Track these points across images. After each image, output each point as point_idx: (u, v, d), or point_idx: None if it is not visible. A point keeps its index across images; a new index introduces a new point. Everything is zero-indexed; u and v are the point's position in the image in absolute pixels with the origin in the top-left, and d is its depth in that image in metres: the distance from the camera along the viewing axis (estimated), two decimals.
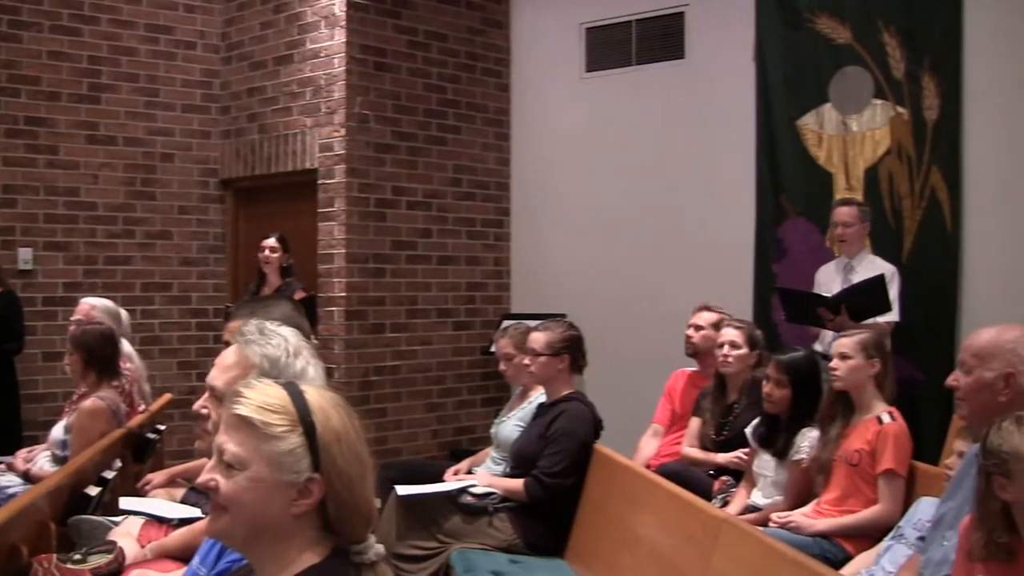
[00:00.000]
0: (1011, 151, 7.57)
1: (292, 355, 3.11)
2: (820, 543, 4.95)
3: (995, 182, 7.61)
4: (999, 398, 3.77)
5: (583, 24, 9.80)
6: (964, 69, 7.76)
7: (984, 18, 7.68)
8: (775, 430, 5.55)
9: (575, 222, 9.78)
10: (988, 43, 7.67)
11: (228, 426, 2.25)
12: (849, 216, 7.44)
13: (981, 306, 7.42)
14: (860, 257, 7.45)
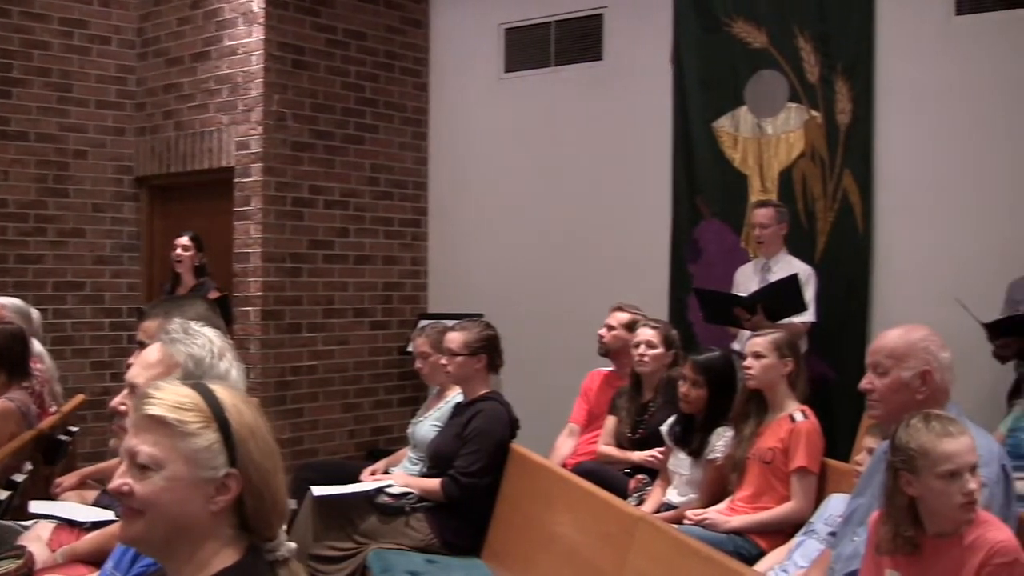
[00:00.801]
0: (920, 154, 7.69)
1: (217, 356, 3.10)
2: (734, 540, 5.01)
3: (905, 184, 7.72)
4: (916, 396, 3.84)
5: (502, 24, 9.81)
6: (876, 74, 7.87)
7: (895, 24, 7.80)
8: (690, 429, 5.60)
9: (492, 222, 9.79)
10: (899, 48, 7.79)
11: (140, 428, 2.23)
12: (766, 217, 7.53)
13: (892, 306, 7.53)
14: (777, 258, 7.53)
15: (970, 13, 7.61)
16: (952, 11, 7.65)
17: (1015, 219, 6.93)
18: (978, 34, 7.56)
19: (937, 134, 7.65)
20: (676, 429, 5.67)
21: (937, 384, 3.86)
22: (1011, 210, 7.11)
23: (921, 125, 7.70)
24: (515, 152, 9.67)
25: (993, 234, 7.27)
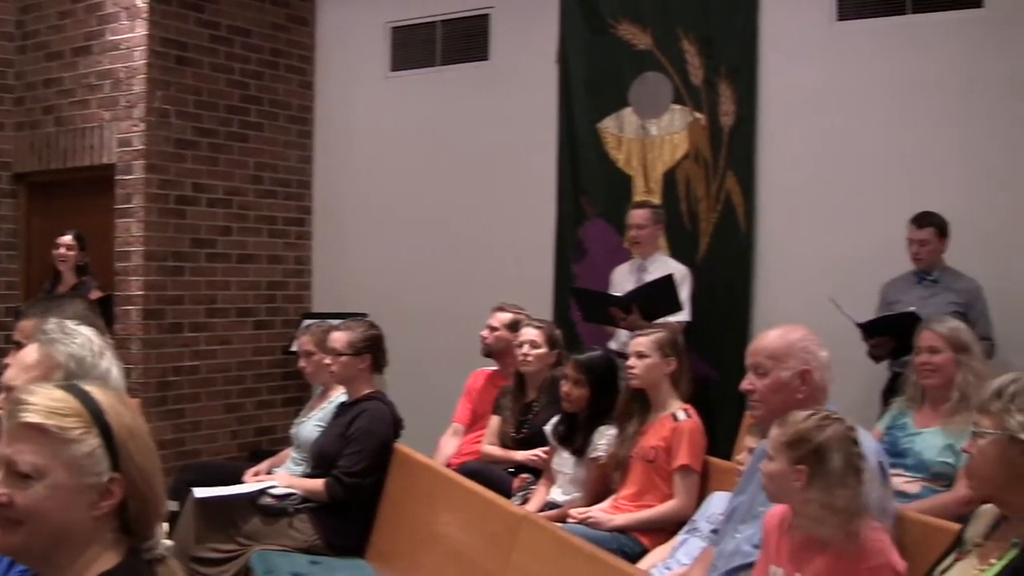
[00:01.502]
0: (802, 156, 7.81)
1: (97, 355, 3.05)
2: (618, 538, 5.02)
3: (787, 186, 7.84)
4: (796, 395, 3.89)
5: (388, 23, 9.78)
6: (759, 77, 7.98)
7: (779, 28, 7.92)
8: (573, 428, 5.61)
9: (378, 221, 9.76)
10: (782, 52, 7.90)
11: (15, 437, 2.18)
12: (642, 218, 7.59)
13: (773, 307, 7.63)
14: (653, 258, 7.60)
15: (852, 19, 7.76)
16: (834, 16, 7.80)
17: (891, 221, 7.04)
18: (859, 39, 7.71)
19: (818, 137, 7.78)
20: (559, 428, 5.68)
21: (817, 383, 3.91)
22: (887, 212, 7.23)
23: (803, 128, 7.83)
24: (401, 151, 9.64)
25: (871, 235, 7.40)
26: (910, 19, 7.63)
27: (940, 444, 4.92)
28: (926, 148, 7.44)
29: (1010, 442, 2.78)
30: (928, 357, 5.13)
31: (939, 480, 4.87)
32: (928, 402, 5.15)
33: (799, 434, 3.33)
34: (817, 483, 3.26)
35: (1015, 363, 6.53)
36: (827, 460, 3.26)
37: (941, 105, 7.45)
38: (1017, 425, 2.78)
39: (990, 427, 2.84)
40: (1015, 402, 2.81)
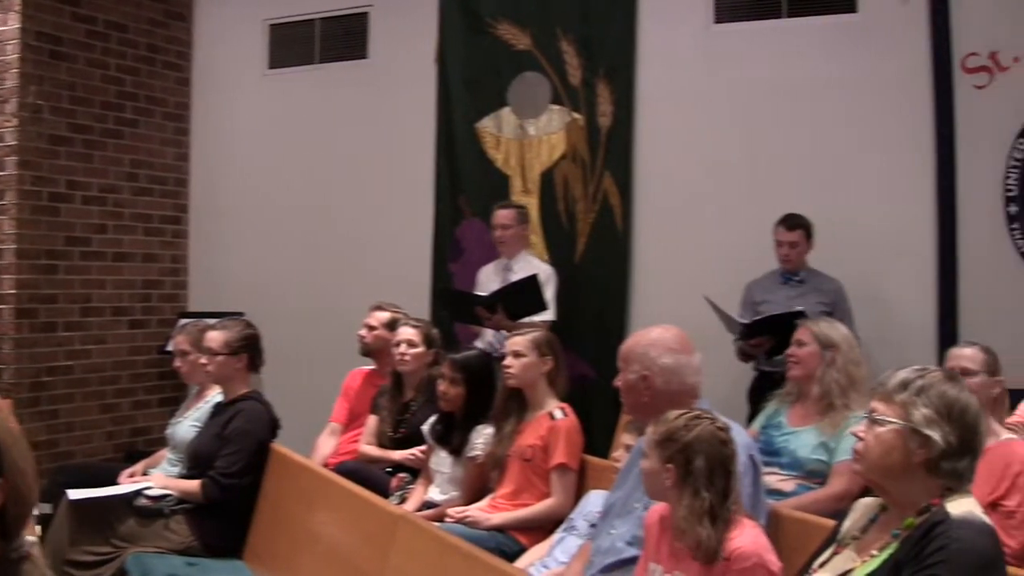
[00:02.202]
0: (678, 157, 7.91)
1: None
2: (495, 536, 5.04)
3: (663, 186, 7.94)
4: (643, 398, 3.97)
5: (267, 20, 9.71)
6: (636, 78, 8.07)
7: (656, 30, 8.02)
8: (451, 427, 5.62)
9: (255, 220, 9.69)
10: (659, 54, 8.00)
11: None
12: (506, 219, 7.62)
13: (650, 306, 7.72)
14: (519, 258, 7.63)
15: (728, 22, 7.89)
16: (711, 19, 7.92)
17: (762, 220, 7.17)
18: (735, 42, 7.84)
19: (694, 137, 7.89)
20: (437, 428, 5.69)
21: (659, 388, 3.98)
22: (758, 213, 7.35)
23: (679, 129, 7.94)
24: (279, 149, 9.59)
25: (743, 236, 7.52)
26: (785, 23, 7.77)
27: (814, 442, 4.99)
28: (800, 150, 7.60)
29: (911, 434, 2.83)
30: (795, 349, 5.23)
31: (813, 478, 4.94)
32: (801, 401, 5.23)
33: (668, 433, 3.37)
34: (685, 483, 3.31)
35: (879, 360, 6.68)
36: (693, 460, 3.31)
37: (814, 107, 7.60)
38: (922, 418, 2.83)
39: (893, 416, 2.89)
40: (922, 396, 2.86)
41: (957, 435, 2.83)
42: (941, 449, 2.81)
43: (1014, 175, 7.20)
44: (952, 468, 2.82)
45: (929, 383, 2.89)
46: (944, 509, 2.78)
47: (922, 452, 2.82)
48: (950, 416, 2.84)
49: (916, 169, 7.35)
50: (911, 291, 7.34)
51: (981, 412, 2.93)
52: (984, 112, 7.26)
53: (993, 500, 4.21)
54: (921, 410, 2.84)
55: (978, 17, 7.28)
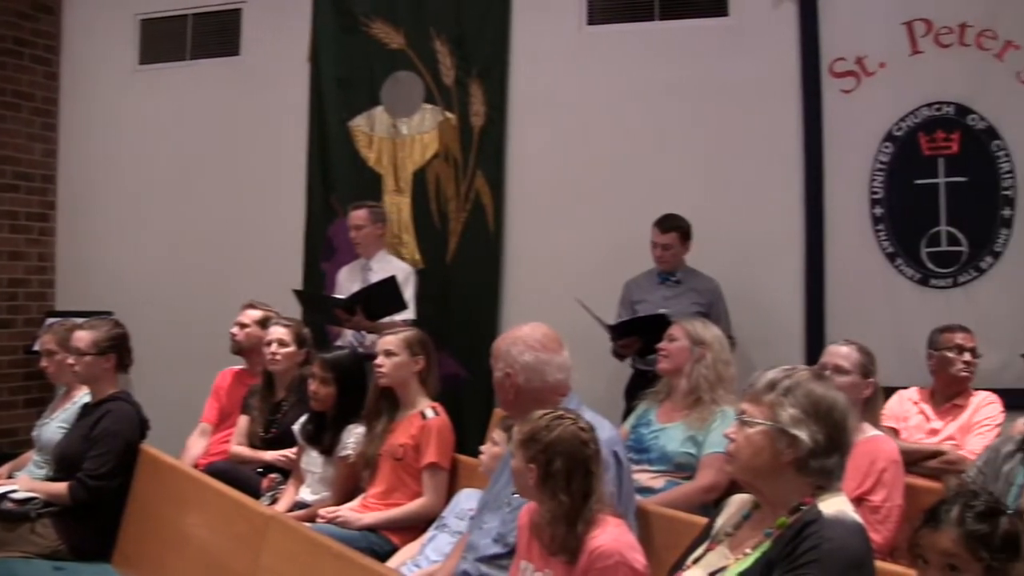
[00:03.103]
0: (551, 157, 7.97)
1: None
2: (367, 536, 5.03)
3: (535, 186, 7.99)
4: (509, 396, 3.99)
5: (138, 15, 9.57)
6: (510, 78, 8.11)
7: (530, 31, 8.08)
8: (322, 427, 5.60)
9: (125, 218, 9.54)
10: (533, 54, 8.06)
11: None
12: (360, 219, 7.57)
13: (522, 305, 7.77)
14: (377, 258, 7.59)
15: (601, 24, 7.96)
16: (584, 21, 7.99)
17: (636, 222, 7.24)
18: (608, 44, 7.92)
19: (566, 138, 7.96)
20: (308, 427, 5.66)
21: (521, 385, 4.01)
22: (631, 213, 7.43)
23: (552, 129, 8.00)
24: (150, 146, 9.45)
25: (616, 236, 7.59)
26: (657, 25, 7.88)
27: (682, 436, 5.03)
28: (672, 151, 7.70)
29: (779, 434, 2.86)
30: (666, 344, 5.29)
31: (682, 471, 4.98)
32: (670, 397, 5.29)
33: (531, 433, 3.39)
34: (546, 483, 3.32)
35: (754, 359, 6.81)
36: (554, 461, 3.33)
37: (686, 109, 7.72)
38: (789, 419, 2.86)
39: (761, 417, 2.93)
40: (788, 397, 2.90)
41: (824, 433, 2.87)
42: (809, 448, 2.84)
43: (880, 178, 7.39)
44: (821, 466, 2.86)
45: (796, 383, 2.93)
46: (816, 508, 2.82)
47: (790, 452, 2.86)
48: (817, 415, 2.88)
49: (785, 171, 7.50)
50: (781, 292, 7.48)
51: (849, 409, 2.97)
52: (851, 116, 7.44)
53: (859, 495, 4.30)
54: (788, 410, 2.88)
55: (846, 22, 7.45)
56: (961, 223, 7.28)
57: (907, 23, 7.40)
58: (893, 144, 7.39)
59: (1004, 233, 7.20)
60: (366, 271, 7.53)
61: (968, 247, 7.26)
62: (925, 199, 7.32)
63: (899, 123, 7.39)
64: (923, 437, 5.52)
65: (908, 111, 7.39)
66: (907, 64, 7.40)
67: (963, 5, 7.31)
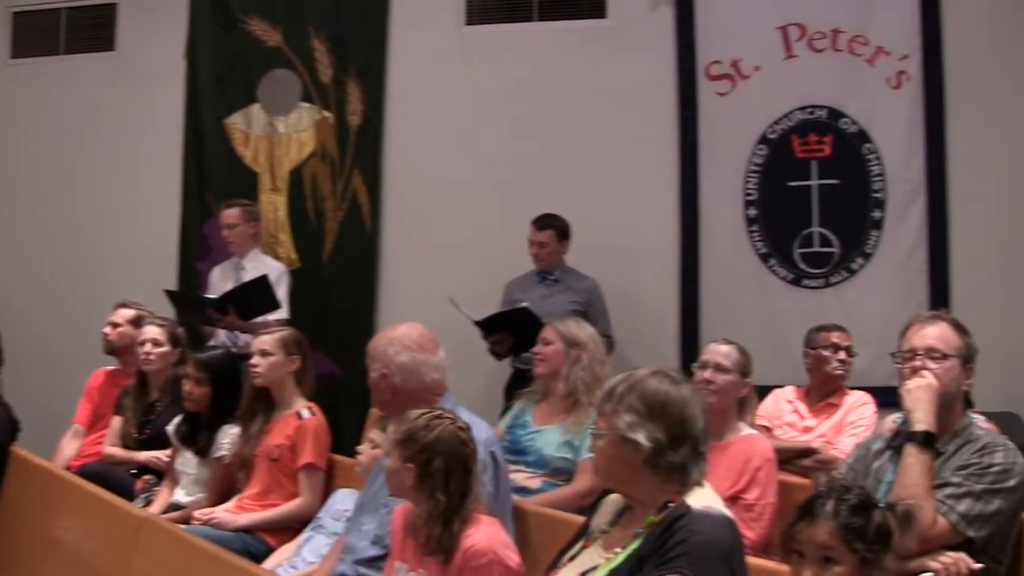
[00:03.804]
0: (429, 156, 7.97)
1: None
2: (243, 538, 4.98)
3: (412, 186, 8.00)
4: (385, 396, 3.99)
5: (9, 7, 9.37)
6: (388, 77, 8.11)
7: (408, 30, 8.11)
8: (196, 428, 5.54)
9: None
10: (411, 54, 8.07)
11: None
12: (233, 217, 7.53)
13: (398, 305, 7.77)
14: (250, 257, 7.56)
15: (479, 24, 7.98)
16: (463, 21, 8.01)
17: (514, 221, 7.27)
18: (486, 44, 7.95)
19: (444, 138, 7.98)
20: (182, 428, 5.60)
21: (398, 385, 4.00)
22: (510, 213, 7.46)
23: (430, 129, 8.02)
24: (21, 142, 9.26)
25: (494, 236, 7.62)
26: (536, 26, 7.93)
27: (558, 440, 5.05)
28: (549, 151, 7.75)
29: (622, 441, 2.90)
30: (541, 347, 5.30)
31: (559, 475, 5.01)
32: (547, 399, 5.31)
33: (409, 433, 3.38)
34: (424, 483, 3.32)
35: (634, 359, 6.87)
36: (433, 461, 3.33)
37: (564, 110, 7.78)
38: (625, 425, 2.88)
39: (604, 428, 2.95)
40: (623, 402, 2.93)
41: (663, 430, 2.90)
42: (651, 448, 2.88)
43: (754, 180, 7.52)
44: (671, 462, 2.89)
45: (630, 386, 2.97)
46: (685, 504, 2.85)
47: (638, 455, 2.89)
48: (651, 414, 2.92)
49: (661, 172, 7.61)
50: (657, 291, 7.58)
51: (690, 399, 2.99)
52: (726, 118, 7.56)
53: (734, 493, 4.35)
54: (624, 417, 2.92)
55: (722, 26, 7.58)
56: (833, 225, 7.45)
57: (782, 28, 7.54)
58: (767, 146, 7.53)
59: (875, 235, 7.38)
60: (239, 270, 7.48)
61: (840, 248, 7.43)
62: (798, 201, 7.47)
63: (773, 126, 7.53)
64: (796, 435, 5.60)
65: (782, 114, 7.54)
66: (781, 68, 7.55)
67: (836, 11, 7.48)
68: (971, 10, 7.35)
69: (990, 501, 3.48)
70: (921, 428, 3.57)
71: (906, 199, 7.39)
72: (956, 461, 3.60)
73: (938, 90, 7.35)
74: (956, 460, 3.60)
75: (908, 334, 3.82)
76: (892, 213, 7.40)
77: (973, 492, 3.48)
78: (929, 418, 3.57)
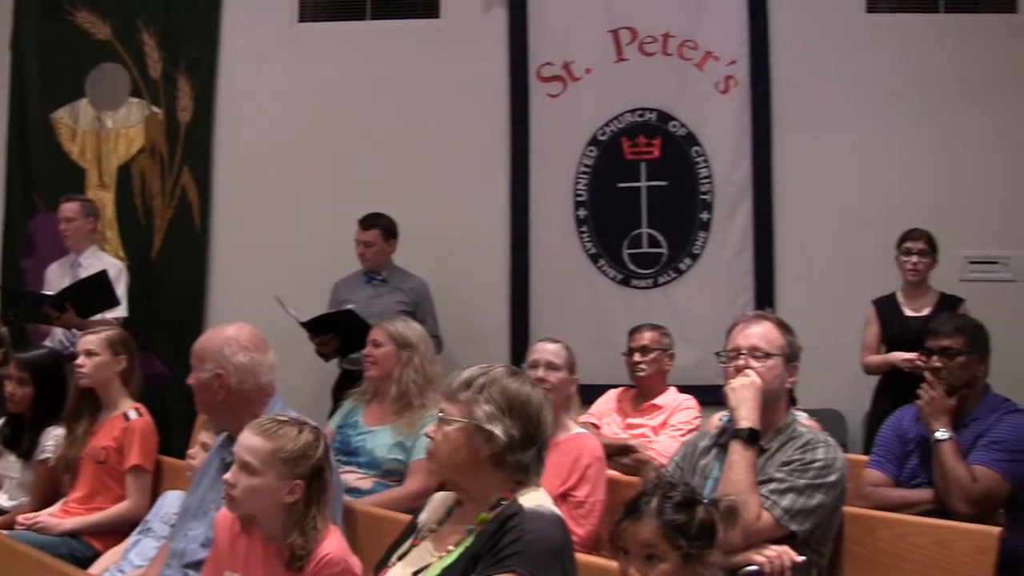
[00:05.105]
0: (261, 154, 7.93)
1: None
2: (68, 542, 4.89)
3: (243, 184, 7.94)
4: (217, 397, 3.91)
5: None
6: (219, 74, 8.02)
7: (240, 27, 8.04)
8: (19, 430, 5.41)
9: None
10: (243, 51, 8.00)
11: None
12: (71, 212, 7.37)
13: (227, 304, 7.71)
14: (87, 253, 7.40)
15: (312, 21, 7.98)
16: (295, 18, 8.00)
17: (343, 220, 7.25)
18: (320, 41, 7.94)
19: (276, 135, 7.94)
20: (4, 431, 5.47)
21: (234, 386, 3.95)
22: (341, 212, 7.42)
23: (261, 126, 7.96)
24: None
25: (325, 235, 7.59)
26: (369, 24, 7.93)
27: (390, 442, 5.05)
28: (381, 151, 7.76)
29: (476, 430, 2.90)
30: (371, 350, 5.29)
31: (391, 476, 5.01)
32: (378, 400, 5.30)
33: (300, 450, 3.25)
34: (312, 498, 3.24)
35: (463, 359, 6.87)
36: (322, 474, 3.27)
37: (397, 109, 7.80)
38: (484, 415, 2.90)
39: (458, 415, 2.96)
40: (483, 393, 2.94)
41: (520, 428, 2.93)
42: (505, 443, 2.90)
43: (584, 181, 7.62)
44: (517, 461, 2.92)
45: (491, 379, 2.99)
46: (517, 502, 2.87)
47: (487, 448, 2.91)
48: (511, 410, 2.94)
49: (493, 172, 7.68)
50: (488, 291, 7.64)
51: (544, 403, 3.05)
52: (557, 120, 7.65)
53: (564, 491, 4.41)
54: (484, 407, 2.93)
55: (554, 28, 7.68)
56: (661, 226, 7.59)
57: (613, 31, 7.66)
58: (597, 148, 7.64)
59: (702, 236, 7.54)
60: (76, 267, 7.33)
61: (668, 249, 7.57)
62: (627, 202, 7.60)
63: (603, 128, 7.64)
64: (620, 433, 5.68)
65: (612, 116, 7.67)
66: (612, 71, 7.67)
67: (667, 16, 7.63)
68: (797, 18, 7.58)
69: (812, 496, 3.58)
70: (745, 425, 3.66)
71: (733, 201, 7.57)
72: (780, 457, 3.70)
73: (764, 95, 7.55)
74: (780, 456, 3.71)
75: (733, 334, 3.92)
76: (719, 215, 7.57)
77: (796, 487, 3.58)
78: (753, 415, 3.67)
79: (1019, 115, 7.42)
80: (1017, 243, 7.42)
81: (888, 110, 7.52)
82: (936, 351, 4.60)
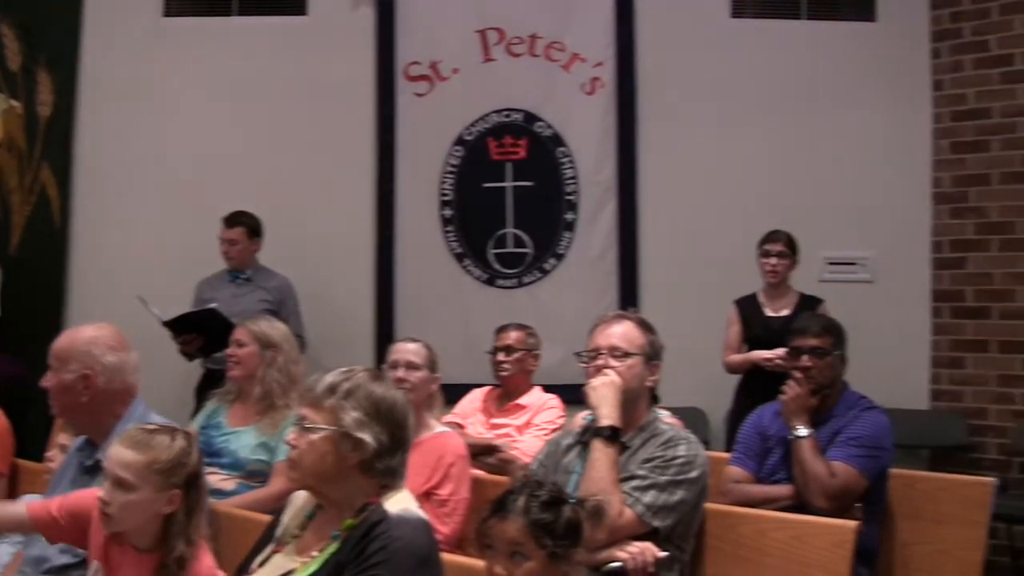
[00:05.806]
0: (123, 151, 7.80)
1: None
2: None
3: (106, 181, 7.81)
4: (81, 399, 3.83)
5: None
6: (80, 68, 7.88)
7: (103, 21, 7.91)
8: None
9: None
10: (106, 45, 7.87)
11: None
12: None
13: (88, 304, 7.56)
14: None
15: (178, 16, 7.92)
16: (160, 12, 7.94)
17: (208, 218, 7.17)
18: (184, 36, 7.93)
19: (141, 132, 7.86)
20: None
21: (101, 388, 3.87)
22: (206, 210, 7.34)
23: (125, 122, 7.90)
24: None
25: (189, 233, 7.52)
26: (236, 21, 7.90)
27: (254, 442, 5.00)
28: (247, 148, 7.71)
29: (343, 438, 2.86)
30: (235, 350, 5.24)
31: (254, 477, 4.96)
32: (241, 400, 5.25)
33: (176, 459, 3.17)
34: (191, 506, 3.16)
35: (325, 360, 6.84)
36: (198, 480, 3.19)
37: (263, 107, 7.75)
38: (352, 422, 2.86)
39: (322, 422, 2.92)
40: (349, 399, 2.90)
41: (388, 433, 2.91)
42: (374, 449, 2.87)
43: (450, 180, 7.65)
44: (386, 466, 2.91)
45: (356, 384, 2.96)
46: (382, 508, 2.86)
47: (355, 455, 2.88)
48: (379, 415, 2.92)
49: (358, 171, 7.68)
50: (352, 291, 7.63)
51: (408, 406, 3.05)
52: (424, 119, 7.66)
53: (427, 490, 4.43)
54: (351, 413, 2.90)
55: (422, 27, 7.70)
56: (527, 226, 7.65)
57: (481, 31, 7.69)
58: (464, 148, 7.66)
59: (567, 236, 7.60)
60: None
61: (533, 249, 7.63)
62: (493, 202, 7.65)
63: (470, 128, 7.67)
64: (483, 433, 5.70)
65: (478, 116, 7.70)
66: (479, 71, 7.70)
67: (534, 17, 7.69)
68: (662, 21, 7.69)
69: (674, 492, 3.65)
70: (606, 423, 3.71)
71: (598, 202, 7.65)
72: (642, 454, 3.76)
73: (630, 97, 7.65)
74: (642, 453, 3.76)
75: (594, 333, 3.97)
76: (584, 215, 7.64)
77: (658, 484, 3.64)
78: (614, 414, 3.72)
79: (878, 119, 7.62)
80: (874, 244, 7.60)
81: (751, 113, 7.66)
82: (805, 350, 4.69)
